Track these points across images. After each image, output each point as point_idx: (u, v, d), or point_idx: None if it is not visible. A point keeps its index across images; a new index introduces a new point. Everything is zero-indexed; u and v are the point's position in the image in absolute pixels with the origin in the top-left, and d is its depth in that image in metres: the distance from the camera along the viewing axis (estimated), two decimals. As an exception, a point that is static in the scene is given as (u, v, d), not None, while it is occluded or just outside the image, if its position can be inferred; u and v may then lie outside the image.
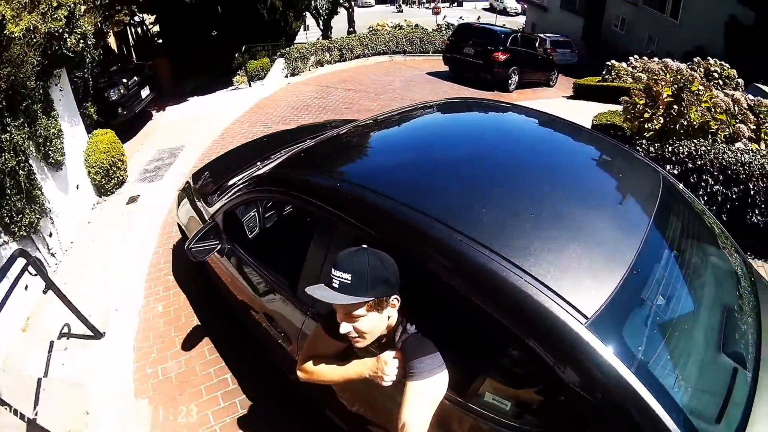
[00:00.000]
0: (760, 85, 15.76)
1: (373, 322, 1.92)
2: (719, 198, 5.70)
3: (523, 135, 3.08)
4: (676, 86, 6.44)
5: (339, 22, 32.41)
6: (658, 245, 2.14)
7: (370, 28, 25.42)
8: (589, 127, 5.13)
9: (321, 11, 28.35)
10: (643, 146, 6.15)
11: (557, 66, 20.51)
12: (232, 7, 17.29)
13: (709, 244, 2.64)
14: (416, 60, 20.59)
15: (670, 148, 5.94)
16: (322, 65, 18.02)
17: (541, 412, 1.86)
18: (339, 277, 1.83)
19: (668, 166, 5.80)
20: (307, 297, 2.13)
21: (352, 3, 33.12)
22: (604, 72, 16.49)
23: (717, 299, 2.27)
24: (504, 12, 58.04)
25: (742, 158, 5.62)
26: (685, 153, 5.84)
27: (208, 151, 8.77)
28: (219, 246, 3.35)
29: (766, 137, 6.73)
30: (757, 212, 5.56)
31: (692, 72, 7.35)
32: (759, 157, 5.66)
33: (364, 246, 1.93)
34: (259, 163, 4.21)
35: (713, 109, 6.44)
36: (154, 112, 12.96)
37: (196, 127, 10.68)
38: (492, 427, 1.91)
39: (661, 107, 6.44)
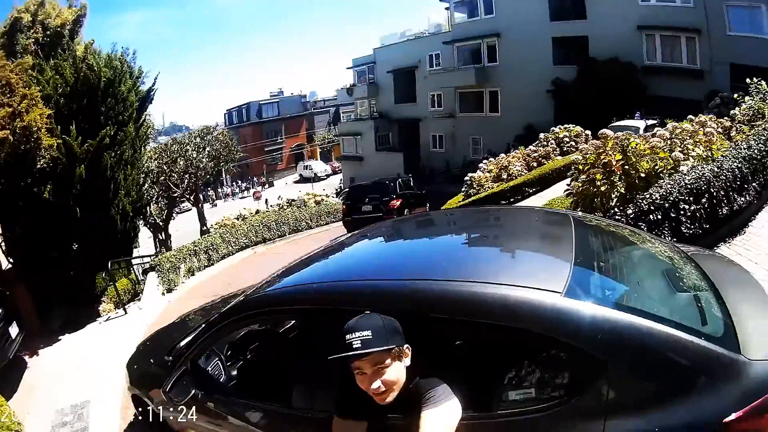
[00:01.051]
0: (618, 123, 18.13)
1: (398, 371, 2.08)
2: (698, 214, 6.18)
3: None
4: (619, 149, 7.02)
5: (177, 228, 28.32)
6: (585, 246, 2.70)
7: (218, 224, 23.36)
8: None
9: (155, 216, 23.56)
10: (620, 213, 6.34)
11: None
12: (89, 210, 13.67)
13: (629, 240, 3.32)
14: (279, 245, 19.38)
15: (644, 201, 6.24)
16: (193, 273, 15.07)
17: (562, 379, 2.11)
18: (359, 336, 2.03)
19: (650, 216, 6.06)
20: (300, 402, 2.68)
21: (201, 199, 30.06)
22: (464, 188, 17.54)
23: (652, 265, 2.96)
24: (315, 178, 58.45)
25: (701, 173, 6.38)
26: (658, 196, 6.18)
27: (126, 403, 6.29)
28: (194, 392, 3.23)
29: (690, 151, 7.59)
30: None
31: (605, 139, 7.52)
32: (705, 166, 6.66)
33: (368, 311, 2.18)
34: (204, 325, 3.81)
35: (653, 152, 7.19)
36: (26, 357, 9.88)
37: (91, 376, 8.27)
38: (528, 419, 2.04)
39: (617, 172, 6.97)
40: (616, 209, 6.52)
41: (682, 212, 6.15)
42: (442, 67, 37.04)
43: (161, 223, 24.69)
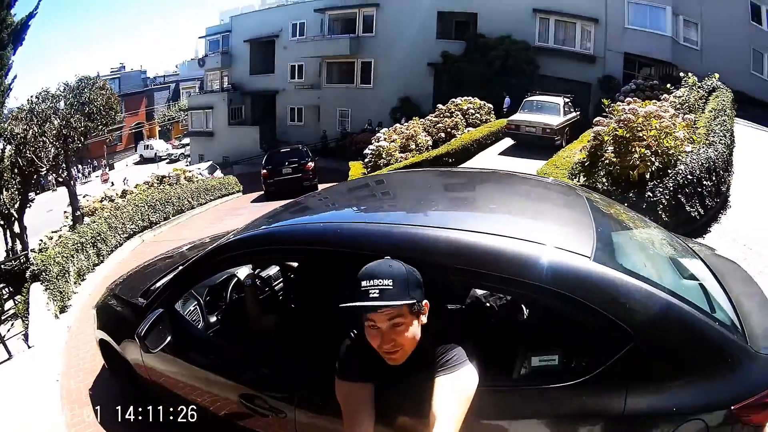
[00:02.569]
0: (535, 98, 17.81)
1: (415, 329, 1.84)
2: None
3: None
4: (655, 126, 7.32)
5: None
6: (601, 218, 2.56)
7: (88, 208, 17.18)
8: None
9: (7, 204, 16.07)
10: (661, 186, 6.77)
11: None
12: None
13: (637, 221, 3.17)
14: (166, 231, 15.02)
15: (678, 176, 6.88)
16: (84, 278, 9.61)
17: (587, 348, 2.01)
18: (378, 285, 1.76)
19: (686, 189, 6.89)
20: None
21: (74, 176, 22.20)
22: (368, 159, 16.63)
23: (660, 249, 2.78)
24: (156, 158, 52.80)
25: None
26: (688, 172, 6.94)
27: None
28: (170, 337, 2.89)
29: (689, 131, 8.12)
30: None
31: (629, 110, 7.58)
32: (708, 149, 7.75)
33: (387, 257, 1.91)
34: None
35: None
36: None
37: None
38: (550, 389, 1.93)
39: (652, 147, 7.14)
40: (655, 182, 6.88)
41: (704, 187, 7.15)
42: (307, 36, 32.84)
43: (15, 213, 16.21)
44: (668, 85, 16.86)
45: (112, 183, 39.90)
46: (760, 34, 23.45)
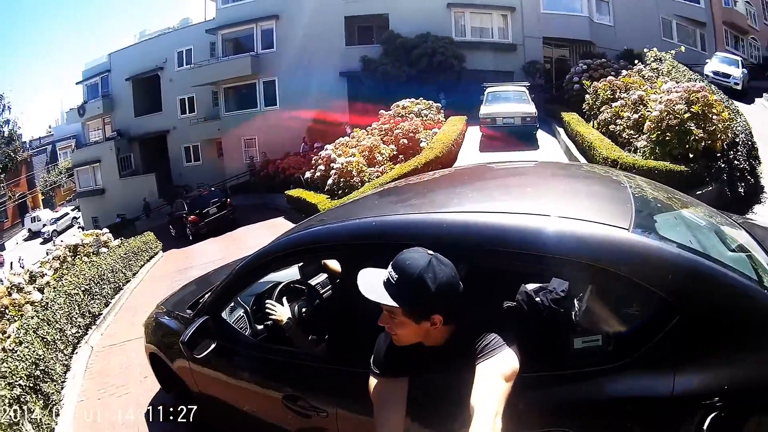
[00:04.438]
0: (495, 89, 17.36)
1: (406, 330, 1.78)
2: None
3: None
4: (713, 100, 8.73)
5: None
6: (643, 197, 2.44)
7: None
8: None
9: None
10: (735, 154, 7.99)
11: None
12: None
13: (681, 198, 2.90)
14: (116, 328, 9.99)
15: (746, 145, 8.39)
16: None
17: (630, 326, 1.89)
18: (390, 273, 1.75)
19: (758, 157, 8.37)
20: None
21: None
22: (331, 182, 14.27)
23: (705, 222, 2.55)
24: (40, 235, 45.38)
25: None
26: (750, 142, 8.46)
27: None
28: (216, 343, 2.96)
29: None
30: None
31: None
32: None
33: (431, 252, 1.78)
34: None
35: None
36: None
37: None
38: (594, 372, 1.81)
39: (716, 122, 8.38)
40: (727, 152, 7.93)
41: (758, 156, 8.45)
42: (196, 63, 28.20)
43: None
44: (618, 63, 18.92)
45: (1, 264, 34.20)
46: (666, 2, 25.25)
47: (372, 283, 1.76)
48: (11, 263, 34.40)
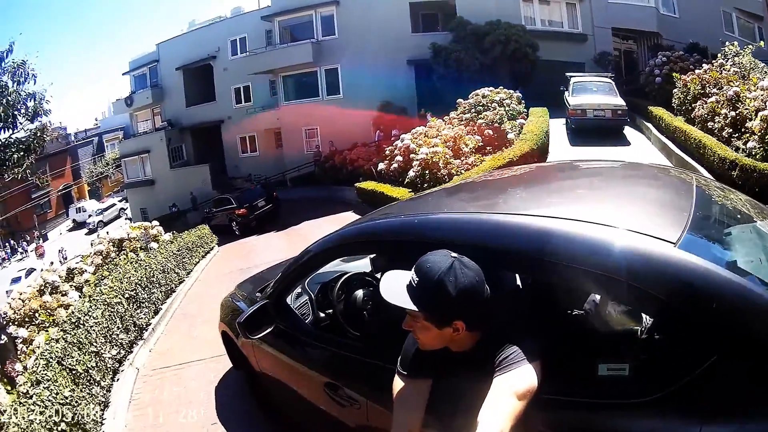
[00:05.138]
0: (580, 79, 16.85)
1: (428, 335, 1.75)
2: None
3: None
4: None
5: None
6: (708, 206, 2.24)
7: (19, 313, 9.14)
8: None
9: None
10: None
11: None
12: None
13: (747, 206, 2.55)
14: (164, 342, 8.36)
15: None
16: None
17: (663, 355, 1.67)
18: (412, 276, 1.72)
19: None
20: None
21: None
22: (413, 173, 13.32)
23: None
24: (85, 226, 45.37)
25: None
26: None
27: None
28: (273, 326, 3.13)
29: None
30: None
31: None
32: None
33: (455, 255, 1.72)
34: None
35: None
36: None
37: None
38: (617, 405, 1.61)
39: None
40: None
41: None
42: (252, 51, 27.68)
43: None
44: (692, 56, 18.34)
45: (42, 255, 35.46)
46: (726, -6, 24.37)
47: (395, 285, 1.74)
48: (61, 251, 34.91)
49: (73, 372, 5.10)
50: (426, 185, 12.33)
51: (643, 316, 1.77)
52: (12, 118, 8.87)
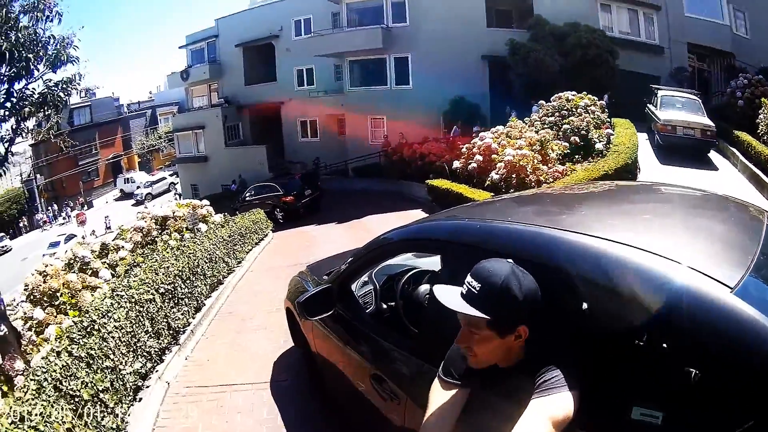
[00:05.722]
0: (667, 93, 16.09)
1: (490, 347, 1.72)
2: None
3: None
4: None
5: None
6: None
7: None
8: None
9: None
10: None
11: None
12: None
13: None
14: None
15: None
16: None
17: (699, 407, 1.46)
18: (470, 284, 1.69)
19: None
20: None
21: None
22: (496, 176, 12.57)
23: None
24: (133, 197, 45.42)
25: None
26: None
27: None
28: (333, 310, 3.27)
29: None
30: None
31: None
32: None
33: (510, 261, 1.75)
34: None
35: None
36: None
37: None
38: None
39: None
40: None
41: None
42: (317, 32, 26.83)
43: None
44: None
45: (83, 223, 35.92)
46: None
47: (453, 295, 1.71)
48: (106, 219, 35.30)
49: (76, 399, 3.96)
50: (512, 190, 11.50)
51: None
52: (25, 62, 7.17)
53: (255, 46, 30.70)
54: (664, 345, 1.55)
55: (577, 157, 13.64)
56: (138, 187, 46.36)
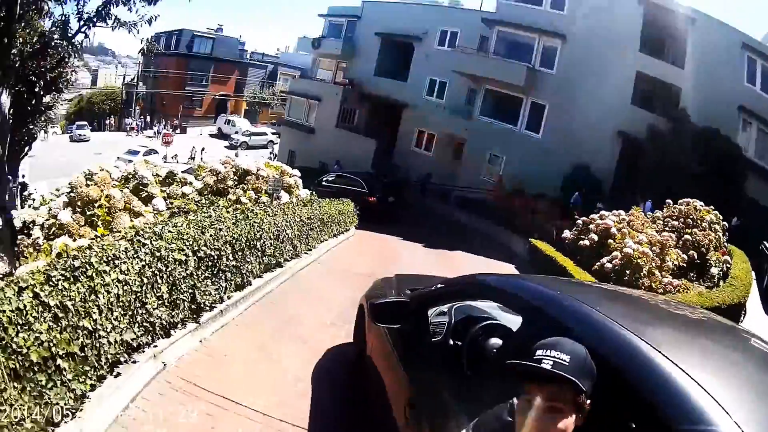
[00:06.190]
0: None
1: (569, 424, 1.60)
2: None
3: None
4: None
5: None
6: None
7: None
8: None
9: None
10: None
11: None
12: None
13: None
14: None
15: None
16: None
17: None
18: (554, 357, 1.62)
19: None
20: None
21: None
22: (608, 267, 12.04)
23: None
24: (229, 139, 46.56)
25: None
26: None
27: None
28: (399, 324, 3.42)
29: None
30: None
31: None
32: None
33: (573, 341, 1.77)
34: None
35: None
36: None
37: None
38: None
39: None
40: None
41: None
42: (463, 47, 26.67)
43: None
44: None
45: (168, 144, 35.94)
46: None
47: (532, 364, 1.64)
48: (193, 150, 36.62)
49: (19, 357, 3.01)
50: (622, 284, 10.87)
51: None
52: None
53: (395, 41, 30.83)
54: None
55: (691, 274, 12.89)
56: (236, 132, 47.15)
